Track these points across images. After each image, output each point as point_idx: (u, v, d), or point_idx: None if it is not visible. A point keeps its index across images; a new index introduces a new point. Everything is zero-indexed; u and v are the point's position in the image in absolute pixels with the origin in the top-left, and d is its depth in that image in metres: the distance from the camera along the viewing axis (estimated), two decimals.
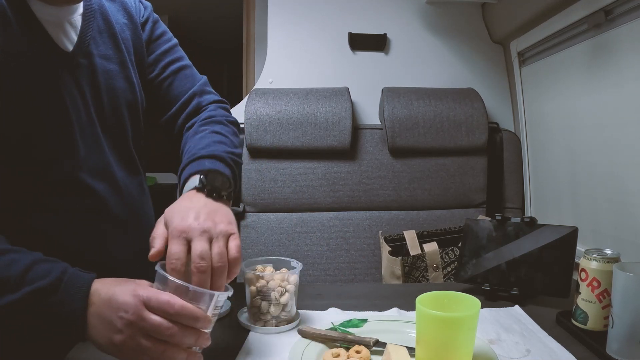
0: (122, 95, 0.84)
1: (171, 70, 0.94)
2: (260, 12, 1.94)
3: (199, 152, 0.81)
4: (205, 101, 0.96)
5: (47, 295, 0.60)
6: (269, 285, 0.79)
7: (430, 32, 1.65)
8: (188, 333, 0.59)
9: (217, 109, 0.96)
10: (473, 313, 0.64)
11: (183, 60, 0.97)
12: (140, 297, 0.58)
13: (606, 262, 0.76)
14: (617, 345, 0.69)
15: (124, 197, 0.84)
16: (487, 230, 1.02)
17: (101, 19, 0.82)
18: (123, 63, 0.85)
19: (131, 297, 0.58)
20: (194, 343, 0.60)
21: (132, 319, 0.57)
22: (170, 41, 0.96)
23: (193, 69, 0.98)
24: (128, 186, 0.86)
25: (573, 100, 1.19)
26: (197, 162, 0.79)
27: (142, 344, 0.58)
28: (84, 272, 0.63)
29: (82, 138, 0.77)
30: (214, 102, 0.98)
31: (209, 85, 1.00)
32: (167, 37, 0.96)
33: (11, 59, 0.68)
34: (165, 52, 0.94)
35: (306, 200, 1.48)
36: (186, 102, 0.95)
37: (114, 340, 0.58)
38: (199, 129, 0.90)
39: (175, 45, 0.97)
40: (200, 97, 0.96)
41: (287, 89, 1.54)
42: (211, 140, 0.85)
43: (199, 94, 0.96)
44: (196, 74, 0.99)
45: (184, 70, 0.96)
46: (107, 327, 0.59)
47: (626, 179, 1.01)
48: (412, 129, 1.47)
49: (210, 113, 0.94)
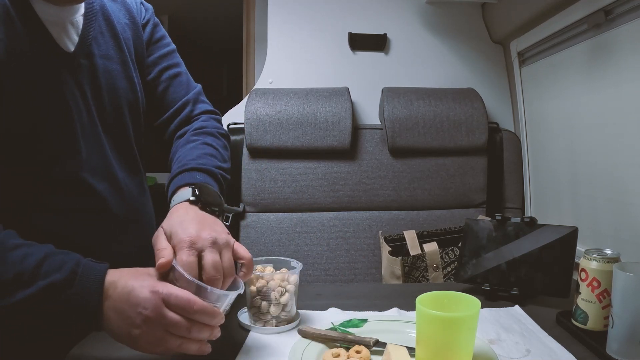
0: (123, 95, 0.85)
1: (167, 76, 0.95)
2: (260, 12, 1.94)
3: (190, 163, 0.82)
4: (198, 110, 0.97)
5: (63, 289, 0.60)
6: (269, 285, 0.79)
7: (430, 32, 1.65)
8: (204, 329, 0.62)
9: (210, 119, 0.97)
10: (473, 313, 0.64)
11: (179, 67, 0.97)
12: (160, 294, 0.60)
13: (606, 262, 0.76)
14: (617, 345, 0.69)
15: (124, 196, 0.85)
16: (487, 230, 1.02)
17: (103, 19, 0.83)
18: (124, 63, 0.85)
19: (150, 294, 0.60)
20: (208, 337, 0.63)
21: (151, 315, 0.59)
22: (169, 46, 0.97)
23: (189, 77, 0.99)
24: (129, 186, 0.87)
25: (573, 100, 1.19)
26: (188, 173, 0.80)
27: (159, 337, 0.60)
28: (96, 262, 0.64)
29: (84, 138, 0.77)
30: (206, 112, 0.98)
31: (203, 94, 1.01)
32: (166, 42, 0.96)
33: (13, 58, 0.68)
34: (163, 56, 0.95)
35: (306, 200, 1.48)
36: (179, 109, 0.95)
37: (132, 333, 0.60)
38: (191, 138, 0.90)
39: (173, 51, 0.97)
40: (193, 105, 0.96)
41: (287, 89, 1.54)
42: (202, 152, 0.86)
43: (192, 102, 0.96)
44: (192, 82, 0.99)
45: (179, 77, 0.96)
46: (126, 321, 0.60)
47: (626, 179, 1.01)
48: (412, 129, 1.47)
49: (202, 124, 0.95)
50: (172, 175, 0.82)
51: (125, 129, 0.87)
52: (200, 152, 0.86)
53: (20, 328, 0.68)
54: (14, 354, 0.72)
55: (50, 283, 0.60)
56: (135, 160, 0.90)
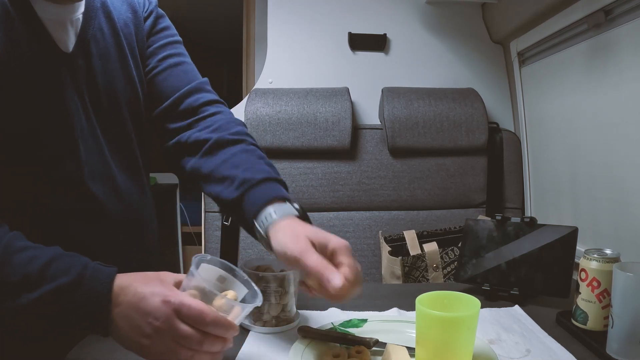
0: (122, 96, 0.83)
1: (167, 64, 0.89)
2: (260, 12, 1.94)
3: (273, 175, 0.84)
4: (204, 99, 0.90)
5: (69, 292, 0.59)
6: (269, 286, 0.79)
7: (430, 32, 1.65)
8: (217, 342, 0.59)
9: (228, 113, 0.94)
10: (473, 313, 0.64)
11: (182, 57, 0.92)
12: (172, 305, 0.57)
13: (606, 262, 0.76)
14: (617, 345, 0.69)
15: (124, 199, 0.83)
16: (487, 230, 1.02)
17: (103, 15, 0.81)
18: (124, 61, 0.83)
19: (162, 303, 0.57)
20: (220, 350, 0.60)
21: (162, 326, 0.57)
22: (172, 37, 0.92)
23: (194, 68, 0.94)
24: (129, 188, 0.85)
25: (573, 100, 1.19)
26: (272, 184, 0.82)
27: (170, 348, 0.58)
28: (105, 266, 0.62)
29: (82, 141, 0.76)
30: (212, 102, 0.92)
31: (209, 85, 0.95)
32: (168, 33, 0.92)
33: (13, 59, 0.67)
34: (163, 45, 0.90)
35: (306, 200, 1.48)
36: (180, 97, 0.89)
37: (141, 343, 0.58)
38: (249, 147, 0.87)
39: (175, 42, 0.92)
40: (198, 94, 0.90)
41: (287, 89, 1.54)
42: (266, 161, 0.87)
43: (195, 91, 0.90)
44: (196, 72, 0.94)
45: (181, 66, 0.90)
46: (135, 330, 0.58)
47: (626, 179, 1.01)
48: (412, 129, 1.47)
49: (238, 129, 0.90)
50: (252, 183, 0.80)
51: (125, 130, 0.85)
52: (264, 162, 0.86)
53: (26, 330, 0.67)
54: (14, 354, 0.72)
55: (57, 286, 0.59)
56: (136, 162, 0.88)
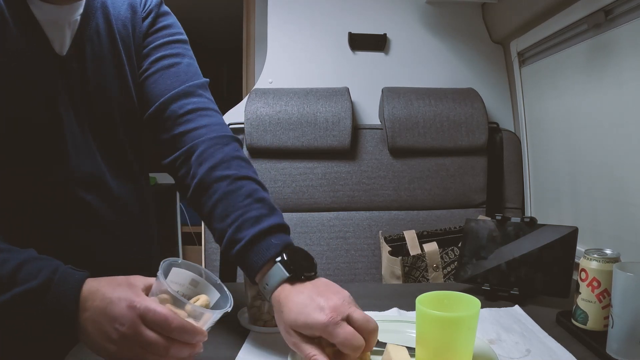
0: (115, 99, 0.80)
1: (160, 67, 0.82)
2: (260, 12, 1.94)
3: (253, 227, 0.73)
4: (188, 107, 0.80)
5: (38, 296, 0.59)
6: None
7: (430, 32, 1.65)
8: (184, 348, 0.58)
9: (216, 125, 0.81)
10: (473, 313, 0.64)
11: (178, 58, 0.84)
12: (138, 311, 0.56)
13: (606, 262, 0.76)
14: (617, 345, 0.69)
15: (118, 205, 0.81)
16: (487, 230, 1.02)
17: (102, 17, 0.78)
18: (119, 63, 0.80)
19: (127, 309, 0.57)
20: (188, 356, 0.59)
21: (128, 332, 0.56)
22: (172, 36, 0.85)
23: (190, 69, 0.85)
24: (123, 194, 0.83)
25: (573, 100, 1.19)
26: (261, 243, 0.72)
27: (136, 353, 0.57)
28: (76, 270, 0.62)
29: (73, 147, 0.75)
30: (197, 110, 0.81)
31: (206, 88, 0.86)
32: (168, 32, 0.85)
33: (12, 59, 0.67)
34: (159, 46, 0.84)
35: (306, 200, 1.48)
36: (165, 104, 0.80)
37: (108, 348, 0.58)
38: (230, 187, 0.75)
39: (175, 41, 0.85)
40: (186, 99, 0.80)
41: (287, 89, 1.54)
42: (253, 199, 0.75)
43: (182, 96, 0.80)
44: (193, 74, 0.84)
45: (173, 68, 0.82)
46: (102, 336, 0.58)
47: (626, 179, 1.01)
48: (412, 129, 1.47)
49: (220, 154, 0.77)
50: (238, 249, 0.72)
51: (118, 136, 0.82)
52: (251, 201, 0.74)
53: (6, 331, 0.67)
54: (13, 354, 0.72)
55: (26, 289, 0.58)
56: (130, 167, 0.85)
